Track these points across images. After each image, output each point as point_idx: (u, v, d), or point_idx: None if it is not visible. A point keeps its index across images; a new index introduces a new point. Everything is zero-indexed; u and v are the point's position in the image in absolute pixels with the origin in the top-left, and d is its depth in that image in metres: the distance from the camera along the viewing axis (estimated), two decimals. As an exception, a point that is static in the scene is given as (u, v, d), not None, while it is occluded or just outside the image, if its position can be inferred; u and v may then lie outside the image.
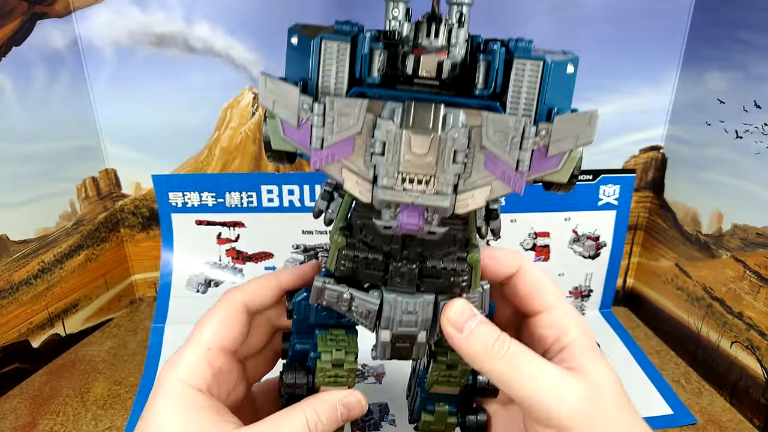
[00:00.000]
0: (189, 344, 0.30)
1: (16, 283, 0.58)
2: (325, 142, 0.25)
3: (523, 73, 0.24)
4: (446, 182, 0.25)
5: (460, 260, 0.29)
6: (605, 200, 0.67)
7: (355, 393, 0.31)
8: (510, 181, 0.25)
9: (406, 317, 0.29)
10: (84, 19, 0.60)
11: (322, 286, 0.29)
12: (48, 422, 0.53)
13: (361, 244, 0.29)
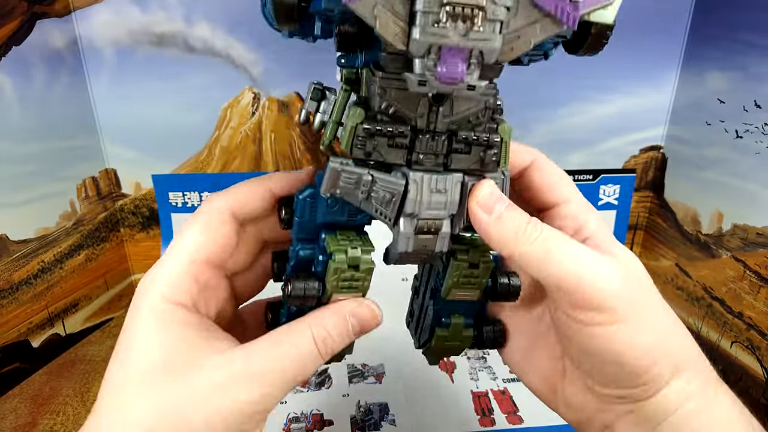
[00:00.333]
0: (170, 256, 0.27)
1: (16, 282, 0.57)
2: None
3: None
4: (495, 17, 0.21)
5: (491, 131, 0.26)
6: (605, 200, 0.67)
7: (367, 303, 0.27)
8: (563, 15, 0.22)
9: (435, 197, 0.26)
10: (84, 19, 0.60)
11: (341, 167, 0.25)
12: (48, 422, 0.53)
13: (383, 116, 0.25)
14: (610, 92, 0.65)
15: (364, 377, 0.57)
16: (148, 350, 0.24)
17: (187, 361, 0.24)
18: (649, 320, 0.26)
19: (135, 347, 0.25)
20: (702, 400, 0.26)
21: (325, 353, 0.25)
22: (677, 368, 0.26)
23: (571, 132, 0.66)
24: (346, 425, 0.51)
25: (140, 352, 0.24)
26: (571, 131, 0.66)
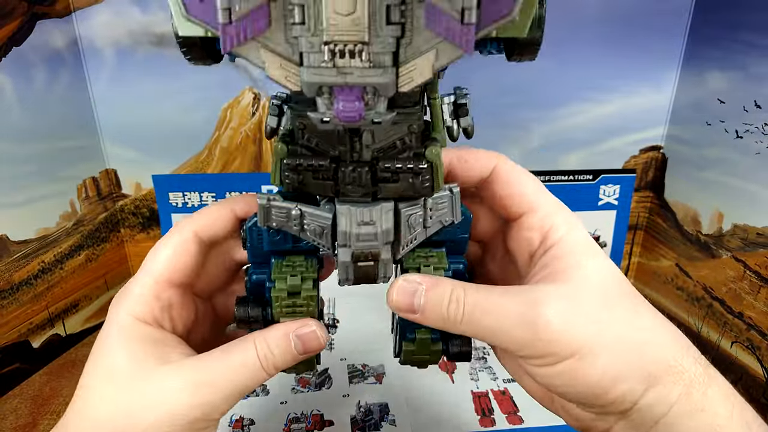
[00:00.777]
0: (138, 276, 0.29)
1: (16, 283, 0.58)
2: (232, 13, 0.20)
3: None
4: (383, 50, 0.20)
5: (417, 157, 0.25)
6: (605, 200, 0.67)
7: (312, 324, 0.28)
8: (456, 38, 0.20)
9: (363, 229, 0.25)
10: (84, 19, 0.60)
11: (267, 204, 0.26)
12: (48, 422, 0.53)
13: (304, 150, 0.25)
14: (610, 92, 0.65)
15: (365, 377, 0.57)
16: (111, 360, 0.27)
17: (143, 370, 0.26)
18: (608, 344, 0.25)
19: (101, 357, 0.27)
20: (687, 404, 0.25)
21: (267, 368, 0.27)
22: (653, 378, 0.25)
23: (571, 132, 0.66)
24: (346, 425, 0.51)
25: (104, 361, 0.27)
26: (571, 131, 0.66)
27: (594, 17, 0.61)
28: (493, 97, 0.64)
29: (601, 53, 0.63)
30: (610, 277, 0.27)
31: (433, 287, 0.26)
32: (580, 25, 0.61)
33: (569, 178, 0.66)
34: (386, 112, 0.22)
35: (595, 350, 0.25)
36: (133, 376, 0.26)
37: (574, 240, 0.27)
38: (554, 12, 0.62)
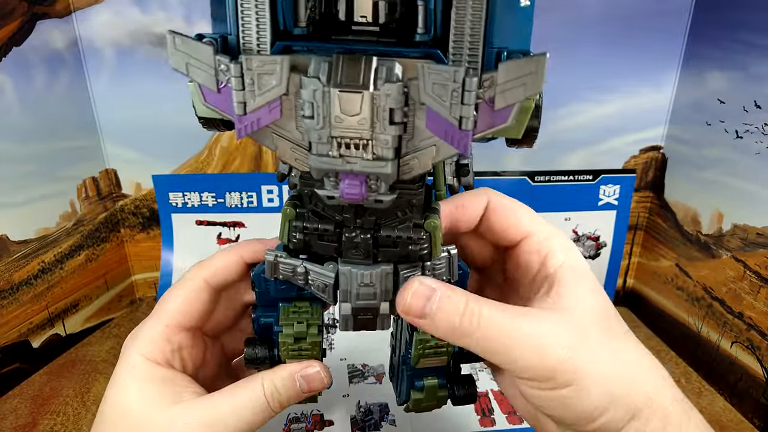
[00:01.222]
0: (150, 319, 0.31)
1: (16, 283, 0.58)
2: (247, 106, 0.22)
3: (464, 12, 0.21)
4: (385, 146, 0.22)
5: (416, 227, 0.27)
6: (605, 200, 0.67)
7: (316, 365, 0.30)
8: (454, 141, 0.21)
9: (363, 290, 0.27)
10: (84, 20, 0.60)
11: (274, 260, 0.28)
12: (48, 422, 0.53)
13: (311, 214, 0.27)
14: (610, 92, 0.65)
15: (365, 377, 0.57)
16: (124, 399, 0.28)
17: (156, 409, 0.28)
18: (598, 375, 0.26)
19: (115, 396, 0.29)
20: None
21: (273, 406, 0.28)
22: (636, 410, 0.26)
23: (571, 132, 0.66)
24: (346, 425, 0.51)
25: (118, 400, 0.28)
26: (571, 131, 0.66)
27: (594, 17, 0.61)
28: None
29: (601, 53, 0.63)
30: (606, 308, 0.28)
31: (449, 297, 0.26)
32: (580, 25, 0.61)
33: (569, 178, 0.66)
34: (388, 194, 0.23)
35: (591, 381, 0.26)
36: (146, 415, 0.27)
37: (573, 268, 0.29)
38: (554, 12, 0.62)
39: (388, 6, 0.22)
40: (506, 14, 0.21)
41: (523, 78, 0.20)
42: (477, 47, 0.21)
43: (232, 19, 0.22)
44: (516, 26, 0.22)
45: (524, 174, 0.66)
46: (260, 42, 0.22)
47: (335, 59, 0.21)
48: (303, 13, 0.22)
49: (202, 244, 0.68)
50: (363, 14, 0.22)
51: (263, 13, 0.22)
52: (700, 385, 0.60)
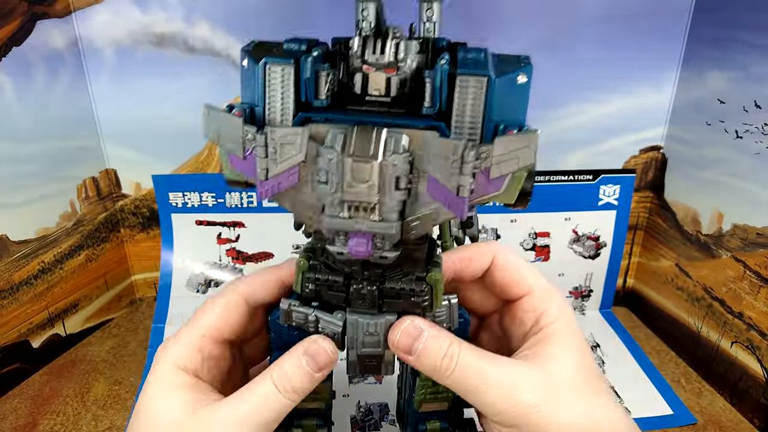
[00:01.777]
0: (186, 328, 0.32)
1: (16, 283, 0.58)
2: (269, 172, 0.24)
3: (466, 90, 0.23)
4: (390, 209, 0.24)
5: (419, 280, 0.29)
6: (605, 200, 0.67)
7: (319, 339, 0.30)
8: (452, 206, 0.24)
9: (368, 338, 0.29)
10: (84, 20, 0.60)
11: (289, 308, 0.30)
12: (48, 422, 0.53)
13: (323, 266, 0.29)
14: (610, 92, 0.65)
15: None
16: (153, 409, 0.29)
17: (182, 415, 0.29)
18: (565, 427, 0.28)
19: (144, 405, 0.30)
20: None
21: (285, 391, 0.29)
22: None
23: (571, 132, 0.66)
24: (346, 425, 0.51)
25: (148, 411, 0.30)
26: (571, 131, 0.66)
27: (594, 17, 0.61)
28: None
29: (601, 53, 0.63)
30: (586, 367, 0.30)
31: (434, 337, 0.29)
32: (580, 25, 0.61)
33: (569, 178, 0.66)
34: (392, 251, 0.26)
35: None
36: (174, 421, 0.29)
37: (562, 327, 0.31)
38: (555, 12, 0.62)
39: (399, 82, 0.24)
40: (504, 92, 0.24)
41: (516, 152, 0.23)
42: (477, 122, 0.24)
43: (260, 93, 0.25)
44: (513, 101, 0.24)
45: (524, 174, 0.66)
46: (284, 113, 0.25)
47: (349, 131, 0.24)
48: (323, 88, 0.24)
49: (202, 244, 0.68)
50: (377, 88, 0.25)
51: (288, 90, 0.24)
52: (700, 385, 0.60)
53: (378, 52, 0.24)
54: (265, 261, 0.69)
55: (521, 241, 0.68)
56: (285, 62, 0.24)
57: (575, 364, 0.29)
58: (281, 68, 0.24)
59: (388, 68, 0.24)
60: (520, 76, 0.24)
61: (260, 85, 0.25)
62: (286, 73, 0.24)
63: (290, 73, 0.24)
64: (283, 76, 0.24)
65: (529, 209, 0.76)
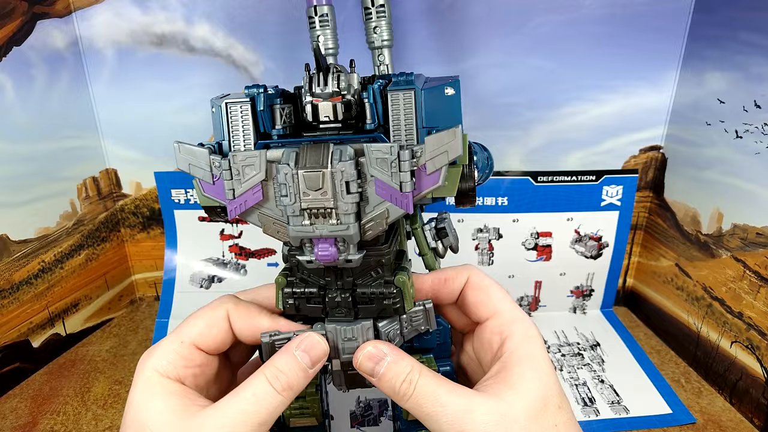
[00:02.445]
0: (169, 336, 0.32)
1: (16, 282, 0.58)
2: (235, 192, 0.28)
3: (398, 103, 0.27)
4: (346, 212, 0.27)
5: (387, 283, 0.31)
6: (608, 201, 0.67)
7: (312, 334, 0.31)
8: (399, 202, 0.27)
9: (347, 344, 0.31)
10: (84, 20, 0.60)
11: (270, 340, 0.31)
12: (48, 422, 0.53)
13: (299, 281, 0.31)
14: (610, 92, 0.65)
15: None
16: (139, 413, 0.29)
17: (173, 421, 0.28)
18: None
19: (132, 412, 0.30)
20: None
21: (281, 389, 0.29)
22: None
23: (571, 132, 0.66)
24: (345, 420, 0.51)
25: (135, 417, 0.29)
26: (571, 131, 0.66)
27: (594, 17, 0.61)
28: (493, 97, 0.64)
29: (601, 53, 0.63)
30: (545, 397, 0.30)
31: (395, 363, 0.30)
32: (580, 25, 0.61)
33: (572, 179, 0.66)
34: (356, 253, 0.28)
35: None
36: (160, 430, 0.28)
37: (525, 354, 0.31)
38: (555, 12, 0.63)
39: (344, 106, 0.28)
40: (434, 102, 0.28)
41: (444, 146, 0.26)
42: (411, 129, 0.27)
43: (225, 129, 0.29)
44: (445, 110, 0.28)
45: (527, 174, 0.66)
46: (246, 143, 0.29)
47: (301, 149, 0.27)
48: (279, 119, 0.28)
49: (204, 240, 0.68)
50: (326, 114, 0.28)
51: (247, 123, 0.29)
52: (699, 384, 0.60)
53: (322, 84, 0.28)
54: (267, 257, 0.69)
55: (523, 240, 0.68)
56: (242, 100, 0.29)
57: (533, 395, 0.29)
58: (239, 105, 0.29)
59: (333, 97, 0.28)
60: (447, 89, 0.28)
61: (224, 123, 0.29)
62: (244, 108, 0.28)
63: (247, 107, 0.28)
64: (241, 112, 0.29)
65: (530, 209, 0.76)
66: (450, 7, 0.60)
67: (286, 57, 0.62)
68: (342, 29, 0.42)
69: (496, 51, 0.62)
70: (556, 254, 0.69)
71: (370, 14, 0.39)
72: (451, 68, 0.62)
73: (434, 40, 0.61)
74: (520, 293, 0.70)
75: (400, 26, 0.60)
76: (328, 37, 0.40)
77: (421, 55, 0.61)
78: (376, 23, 0.39)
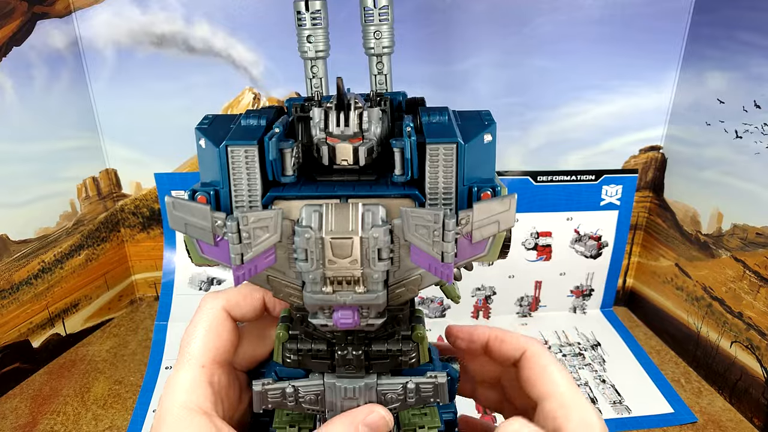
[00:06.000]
0: (181, 364, 0.29)
1: (16, 283, 0.58)
2: (244, 257, 0.23)
3: (437, 159, 0.24)
4: (375, 280, 0.24)
5: (405, 339, 0.28)
6: (607, 200, 0.67)
7: (377, 409, 0.28)
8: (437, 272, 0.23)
9: (347, 403, 0.29)
10: (84, 20, 0.60)
11: (263, 388, 0.28)
12: (48, 422, 0.53)
13: (303, 335, 0.28)
14: (610, 92, 0.65)
15: None
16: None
17: None
18: None
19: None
20: None
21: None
22: None
23: (571, 132, 0.66)
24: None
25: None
26: (571, 131, 0.66)
27: (594, 17, 0.61)
28: (494, 98, 0.64)
29: (601, 53, 0.63)
30: None
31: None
32: (580, 25, 0.61)
33: (572, 179, 0.66)
34: (378, 318, 0.25)
35: None
36: None
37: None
38: (555, 12, 0.63)
39: (367, 150, 0.24)
40: (473, 154, 0.24)
41: (495, 216, 0.23)
42: (450, 188, 0.24)
43: (224, 176, 0.24)
44: (481, 160, 0.24)
45: (526, 174, 0.66)
46: (251, 195, 0.24)
47: (325, 209, 0.23)
48: (290, 164, 0.24)
49: (202, 243, 0.68)
50: (344, 158, 0.24)
51: (253, 172, 0.24)
52: (699, 384, 0.60)
53: (342, 124, 0.24)
54: (265, 261, 0.69)
55: (523, 240, 0.68)
56: (247, 144, 0.23)
57: None
58: (244, 150, 0.23)
59: (354, 138, 0.24)
60: (486, 136, 0.24)
61: (224, 169, 0.24)
62: (250, 154, 0.23)
63: (254, 154, 0.23)
64: (247, 158, 0.24)
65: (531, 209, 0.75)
66: (450, 6, 0.60)
67: (285, 57, 0.62)
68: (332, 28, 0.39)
69: (496, 51, 0.62)
70: (555, 254, 0.69)
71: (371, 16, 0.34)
72: (451, 68, 0.62)
73: (434, 39, 0.61)
74: (520, 293, 0.70)
75: (400, 25, 0.60)
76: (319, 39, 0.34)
77: (421, 54, 0.61)
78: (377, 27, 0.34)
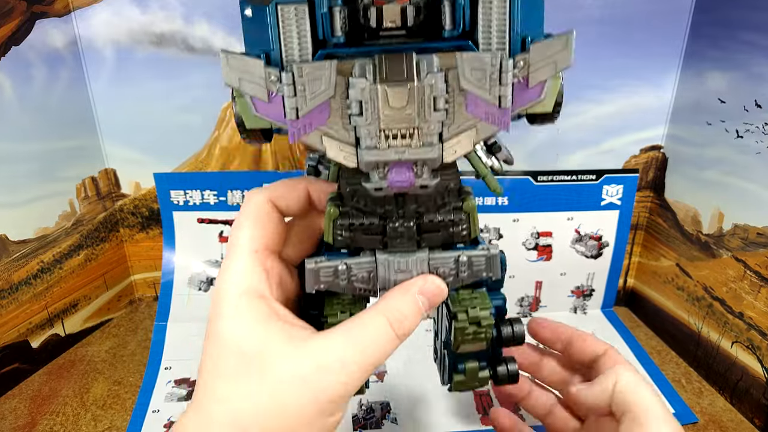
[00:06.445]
0: (233, 253, 0.28)
1: (15, 283, 0.57)
2: (299, 111, 0.24)
3: (490, 7, 0.23)
4: (431, 132, 0.24)
5: (456, 210, 0.28)
6: (608, 200, 0.67)
7: (432, 278, 0.28)
8: (495, 120, 0.24)
9: (400, 276, 0.28)
10: (83, 19, 0.60)
11: (316, 266, 0.28)
12: (48, 422, 0.53)
13: (354, 211, 0.28)
14: (610, 92, 0.65)
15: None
16: (234, 346, 0.26)
17: (272, 354, 0.25)
18: None
19: (222, 344, 0.26)
20: None
21: (402, 335, 0.27)
22: None
23: (571, 132, 0.66)
24: (347, 424, 0.51)
25: (227, 349, 0.26)
26: (571, 131, 0.66)
27: (594, 17, 0.61)
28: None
29: (601, 53, 0.63)
30: None
31: None
32: (580, 25, 0.61)
33: (572, 178, 0.66)
34: (432, 178, 0.25)
35: None
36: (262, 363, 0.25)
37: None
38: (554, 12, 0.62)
39: (415, 10, 0.24)
40: (524, 5, 0.24)
41: (553, 56, 0.23)
42: (503, 36, 0.23)
43: (274, 36, 0.24)
44: (531, 14, 0.24)
45: (527, 173, 0.66)
46: (302, 53, 0.24)
47: (378, 59, 0.23)
48: (338, 23, 0.23)
49: (203, 242, 0.68)
50: (392, 20, 0.24)
51: (304, 29, 0.23)
52: (700, 385, 0.60)
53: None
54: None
55: (524, 240, 0.68)
56: (297, 2, 0.23)
57: None
58: (294, 7, 0.23)
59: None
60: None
61: (274, 29, 0.24)
62: (300, 11, 0.23)
63: (304, 10, 0.23)
64: (297, 16, 0.23)
65: (531, 209, 0.75)
66: (450, 6, 0.60)
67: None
68: None
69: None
70: (556, 254, 0.69)
71: None
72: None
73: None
74: (520, 293, 0.70)
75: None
76: None
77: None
78: None
